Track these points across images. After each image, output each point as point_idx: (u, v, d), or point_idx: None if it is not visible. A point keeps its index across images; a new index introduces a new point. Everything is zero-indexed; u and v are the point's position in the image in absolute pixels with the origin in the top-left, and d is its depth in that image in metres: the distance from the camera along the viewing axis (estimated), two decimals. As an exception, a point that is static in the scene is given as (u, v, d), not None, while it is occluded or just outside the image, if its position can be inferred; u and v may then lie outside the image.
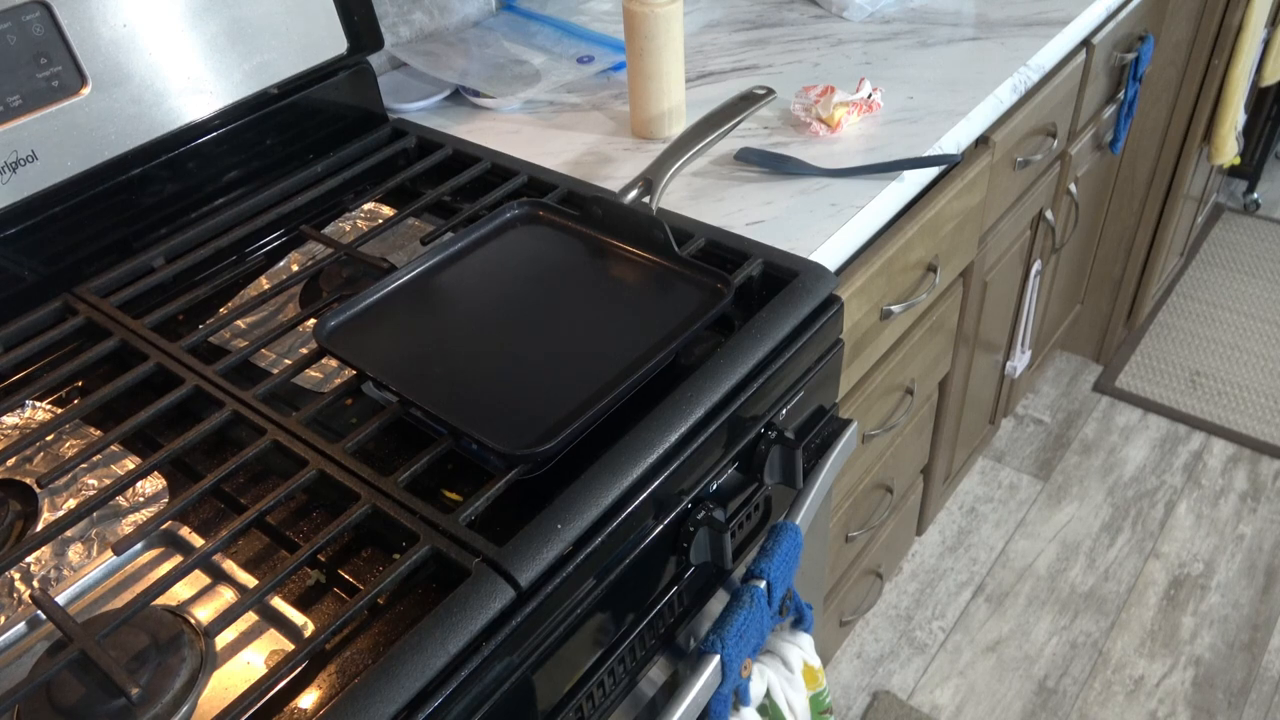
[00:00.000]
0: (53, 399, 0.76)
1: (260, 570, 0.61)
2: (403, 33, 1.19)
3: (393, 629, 0.57)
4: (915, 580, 1.69)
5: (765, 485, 0.78)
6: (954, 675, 1.55)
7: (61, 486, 0.67)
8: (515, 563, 0.56)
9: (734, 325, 0.74)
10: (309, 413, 0.68)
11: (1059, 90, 1.26)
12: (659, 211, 0.81)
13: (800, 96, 1.02)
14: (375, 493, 0.61)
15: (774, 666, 0.83)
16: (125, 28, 0.81)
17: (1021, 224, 1.37)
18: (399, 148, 1.00)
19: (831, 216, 0.88)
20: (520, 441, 0.62)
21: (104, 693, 0.53)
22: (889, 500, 1.32)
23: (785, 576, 0.75)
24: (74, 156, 0.80)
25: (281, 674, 0.52)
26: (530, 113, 1.09)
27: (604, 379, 0.66)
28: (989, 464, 1.89)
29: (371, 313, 0.75)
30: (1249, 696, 1.48)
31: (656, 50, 0.95)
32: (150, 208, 0.88)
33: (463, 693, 0.53)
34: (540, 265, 0.79)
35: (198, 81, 0.87)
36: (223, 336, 0.80)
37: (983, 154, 1.11)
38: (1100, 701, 1.49)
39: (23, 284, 0.81)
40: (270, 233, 0.91)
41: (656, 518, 0.65)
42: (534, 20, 1.27)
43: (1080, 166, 1.49)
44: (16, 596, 0.61)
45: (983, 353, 1.47)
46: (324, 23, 0.94)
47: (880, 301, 1.01)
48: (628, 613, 0.67)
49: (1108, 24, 1.32)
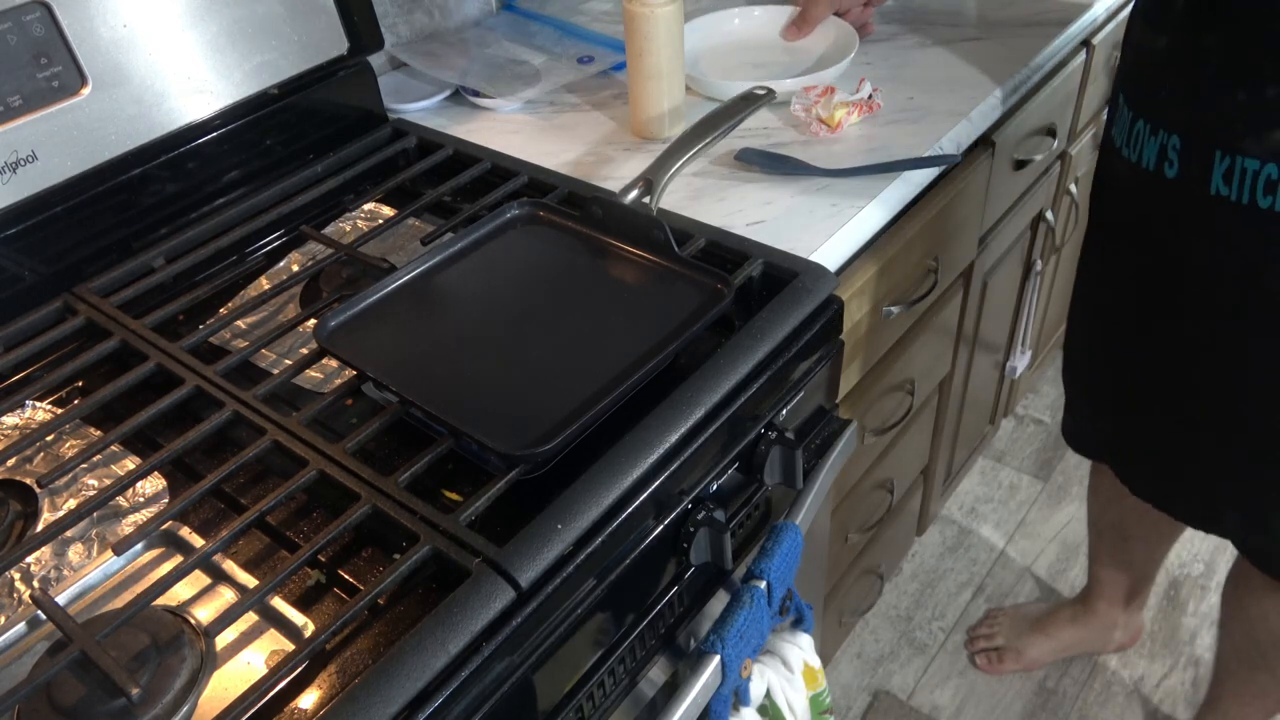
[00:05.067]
0: (53, 399, 0.76)
1: (260, 570, 0.61)
2: (403, 33, 1.19)
3: (393, 629, 0.57)
4: (915, 580, 1.69)
5: (765, 485, 0.78)
6: (954, 675, 1.55)
7: (62, 487, 0.67)
8: (515, 563, 0.56)
9: (734, 325, 0.74)
10: (309, 413, 0.68)
11: (1059, 90, 1.26)
12: (659, 212, 0.81)
13: (800, 97, 1.02)
14: (375, 493, 0.61)
15: (774, 667, 0.83)
16: (125, 28, 0.81)
17: (1021, 224, 1.37)
18: (399, 148, 1.00)
19: (831, 217, 0.88)
20: (520, 441, 0.62)
21: (104, 693, 0.53)
22: (889, 500, 1.32)
23: (785, 577, 0.75)
24: (74, 156, 0.80)
25: (282, 674, 0.52)
26: (530, 113, 1.09)
27: (604, 379, 0.66)
28: (989, 464, 1.89)
29: (372, 313, 0.75)
30: (1249, 696, 1.48)
31: (656, 50, 0.95)
32: (150, 208, 0.88)
33: (463, 693, 0.53)
34: (540, 265, 0.79)
35: (198, 81, 0.87)
36: (223, 337, 0.80)
37: (983, 154, 1.11)
38: (1100, 702, 1.49)
39: (23, 284, 0.81)
40: (270, 233, 0.91)
41: (657, 518, 0.65)
42: (534, 20, 1.27)
43: (1080, 166, 1.49)
44: (16, 597, 0.61)
45: (983, 353, 1.47)
46: (324, 23, 0.94)
47: (880, 301, 1.01)
48: (628, 613, 0.67)
49: (1108, 24, 1.32)
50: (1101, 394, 1.15)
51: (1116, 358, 1.08)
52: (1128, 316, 1.03)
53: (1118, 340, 1.06)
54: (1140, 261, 0.98)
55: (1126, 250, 1.01)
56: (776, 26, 1.19)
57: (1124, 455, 1.16)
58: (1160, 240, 0.94)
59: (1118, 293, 1.04)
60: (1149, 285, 0.98)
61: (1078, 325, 1.16)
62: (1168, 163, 0.88)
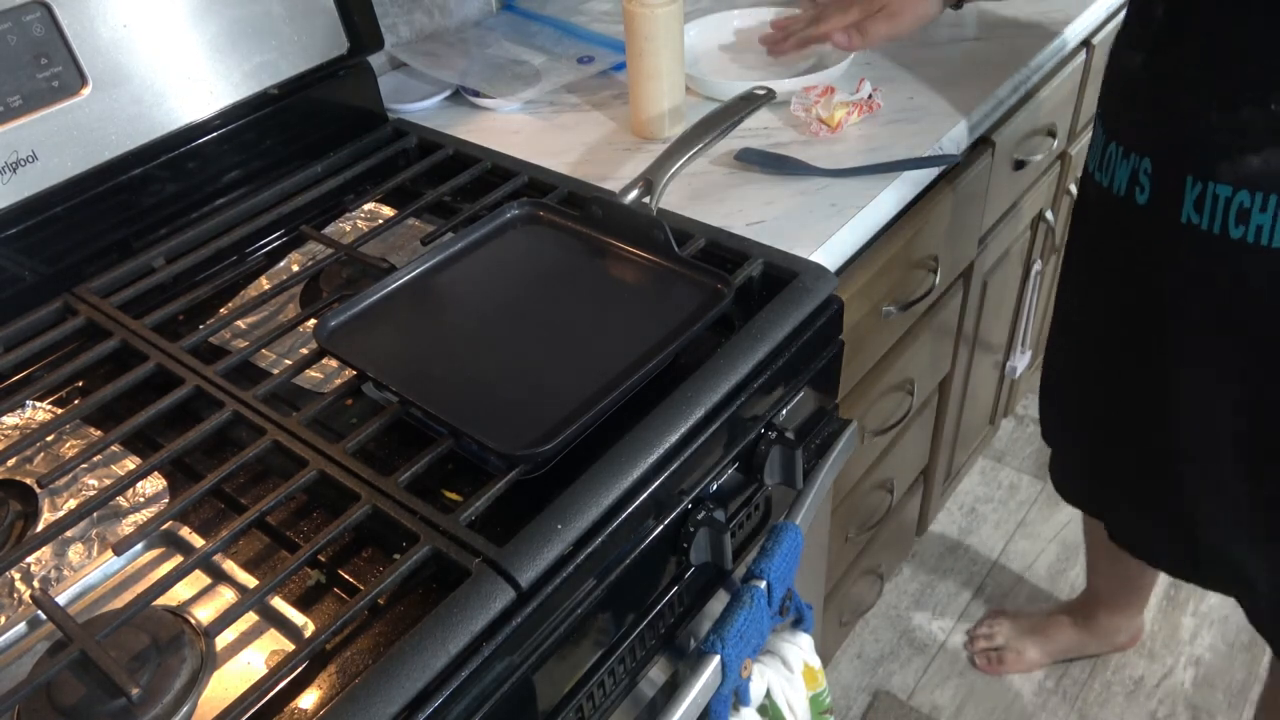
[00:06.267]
0: (53, 399, 0.76)
1: (260, 570, 0.61)
2: (403, 33, 1.19)
3: (393, 629, 0.57)
4: (915, 580, 1.69)
5: (765, 485, 0.78)
6: (954, 675, 1.55)
7: (62, 487, 0.67)
8: (515, 563, 0.56)
9: (734, 325, 0.74)
10: (309, 413, 0.68)
11: (1059, 90, 1.26)
12: (659, 212, 0.81)
13: (800, 97, 1.02)
14: (375, 493, 0.61)
15: (774, 667, 0.83)
16: (125, 28, 0.81)
17: (1021, 224, 1.37)
18: (399, 148, 1.00)
19: (831, 216, 0.88)
20: (520, 442, 0.62)
21: (104, 693, 0.53)
22: (889, 500, 1.32)
23: (785, 577, 0.75)
24: (74, 156, 0.80)
25: (282, 674, 0.52)
26: (530, 113, 1.09)
27: (604, 379, 0.66)
28: (989, 464, 1.89)
29: (372, 313, 0.75)
30: (1249, 696, 1.48)
31: (656, 51, 0.95)
32: (150, 208, 0.88)
33: (463, 693, 0.53)
34: (540, 266, 0.79)
35: (198, 82, 0.87)
36: (223, 337, 0.80)
37: (983, 154, 1.11)
38: (1100, 702, 1.49)
39: (23, 284, 0.81)
40: (270, 233, 0.91)
41: (657, 518, 0.65)
42: (534, 20, 1.27)
43: (1080, 167, 1.49)
44: (17, 597, 0.61)
45: (983, 353, 1.47)
46: (324, 23, 0.94)
47: (880, 301, 1.01)
48: (628, 613, 0.67)
49: (1108, 24, 1.32)
50: (1077, 421, 1.12)
51: (1090, 384, 1.05)
52: (1101, 342, 1.01)
53: (1092, 366, 1.04)
54: (1112, 288, 0.96)
55: (1100, 276, 0.98)
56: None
57: (1102, 497, 1.14)
58: (1131, 268, 0.91)
59: (1089, 318, 1.02)
60: (1121, 312, 0.96)
61: (1055, 347, 1.13)
62: (1139, 188, 0.85)
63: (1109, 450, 1.07)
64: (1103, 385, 1.03)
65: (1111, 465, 1.08)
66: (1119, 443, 1.04)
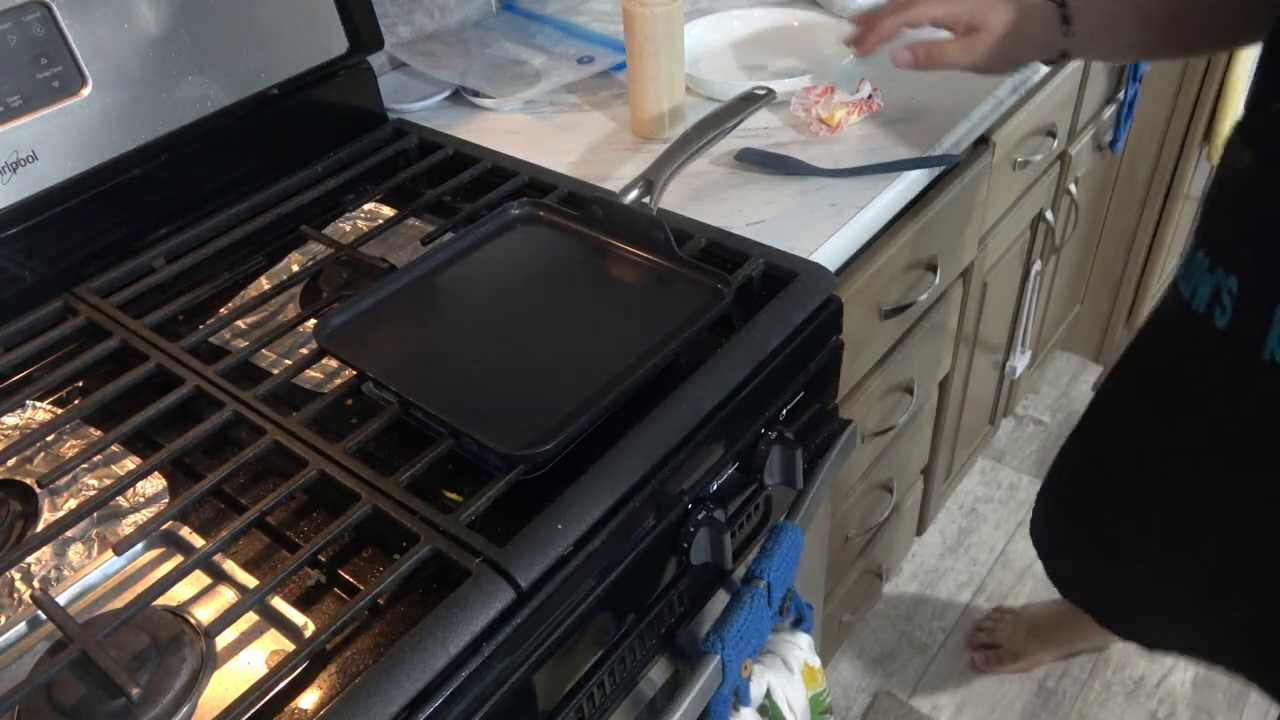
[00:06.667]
0: (53, 399, 0.76)
1: (261, 570, 0.61)
2: (403, 33, 1.19)
3: (393, 629, 0.57)
4: (915, 580, 1.69)
5: (765, 486, 0.78)
6: (954, 675, 1.55)
7: (62, 487, 0.67)
8: (516, 563, 0.56)
9: (734, 325, 0.74)
10: (309, 413, 0.67)
11: (1059, 90, 1.26)
12: (659, 212, 0.81)
13: (800, 97, 1.02)
14: (375, 493, 0.61)
15: (774, 667, 0.83)
16: (125, 28, 0.81)
17: (1021, 224, 1.37)
18: (399, 148, 1.00)
19: (831, 217, 0.88)
20: (520, 442, 0.62)
21: (104, 693, 0.53)
22: (889, 500, 1.32)
23: (785, 577, 0.75)
24: (74, 156, 0.80)
25: (282, 674, 0.52)
26: (530, 113, 1.09)
27: (604, 379, 0.66)
28: (989, 464, 1.89)
29: (372, 313, 0.75)
30: (1249, 697, 1.48)
31: (656, 51, 0.95)
32: (150, 208, 0.88)
33: (463, 693, 0.53)
34: (540, 265, 0.79)
35: (197, 81, 0.87)
36: (223, 337, 0.80)
37: (983, 154, 1.11)
38: (1100, 702, 1.49)
39: (23, 284, 0.81)
40: (270, 233, 0.91)
41: (657, 518, 0.65)
42: (534, 20, 1.27)
43: (1080, 167, 1.49)
44: (17, 597, 0.61)
45: (983, 353, 1.47)
46: (324, 23, 0.94)
47: (880, 301, 1.01)
48: (628, 613, 0.67)
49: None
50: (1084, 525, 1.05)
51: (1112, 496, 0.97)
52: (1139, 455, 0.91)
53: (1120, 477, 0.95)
54: (1169, 407, 0.86)
55: (1156, 390, 0.87)
56: (777, 26, 1.19)
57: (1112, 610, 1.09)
58: (1196, 394, 0.81)
59: (1134, 428, 0.92)
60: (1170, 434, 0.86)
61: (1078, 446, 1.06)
62: (1219, 309, 0.73)
63: (1115, 569, 1.02)
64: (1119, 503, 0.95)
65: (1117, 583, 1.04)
66: (1123, 564, 0.99)
